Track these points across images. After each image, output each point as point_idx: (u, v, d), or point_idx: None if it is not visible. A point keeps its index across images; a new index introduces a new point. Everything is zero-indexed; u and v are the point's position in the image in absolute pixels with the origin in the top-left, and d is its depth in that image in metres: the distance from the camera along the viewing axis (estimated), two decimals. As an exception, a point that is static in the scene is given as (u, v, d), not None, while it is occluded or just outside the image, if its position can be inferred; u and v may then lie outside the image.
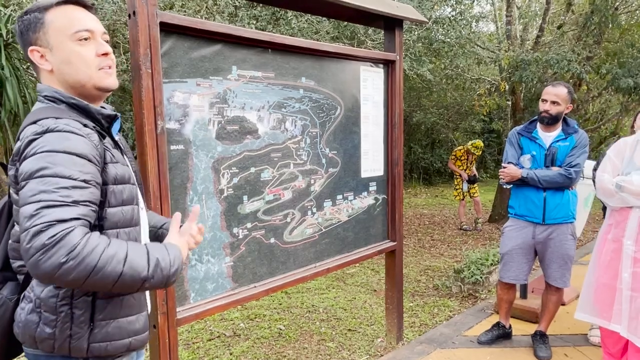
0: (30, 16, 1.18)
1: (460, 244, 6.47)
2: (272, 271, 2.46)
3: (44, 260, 0.95)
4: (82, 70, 1.19)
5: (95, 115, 1.20)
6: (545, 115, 2.94)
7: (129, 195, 1.22)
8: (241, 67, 2.22)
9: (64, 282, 0.98)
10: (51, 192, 0.99)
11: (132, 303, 1.23)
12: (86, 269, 0.97)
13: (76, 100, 1.18)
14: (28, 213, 0.97)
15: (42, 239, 0.95)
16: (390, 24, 3.08)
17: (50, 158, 1.02)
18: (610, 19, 6.36)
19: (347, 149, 2.87)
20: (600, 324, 2.51)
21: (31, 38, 1.18)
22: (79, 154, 1.06)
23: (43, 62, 1.18)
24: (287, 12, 5.47)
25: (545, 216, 2.95)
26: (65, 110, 1.15)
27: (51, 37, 1.17)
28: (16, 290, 1.19)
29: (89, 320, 1.15)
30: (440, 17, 6.18)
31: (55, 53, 1.18)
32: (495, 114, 12.26)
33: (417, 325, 3.71)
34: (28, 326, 1.14)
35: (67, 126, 1.08)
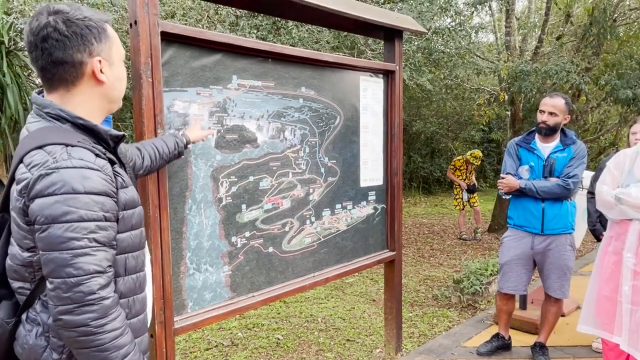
0: (97, 24, 1.16)
1: (460, 253, 6.45)
2: (270, 280, 2.45)
3: (77, 313, 1.03)
4: (124, 87, 1.26)
5: (103, 136, 1.18)
6: (543, 126, 2.95)
7: (137, 219, 1.23)
8: (241, 76, 2.24)
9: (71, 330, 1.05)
10: (81, 238, 1.03)
11: (138, 326, 1.25)
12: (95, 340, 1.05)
13: (84, 120, 1.15)
14: (62, 262, 1.02)
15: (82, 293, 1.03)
16: (390, 34, 3.10)
17: (73, 201, 1.03)
18: (609, 31, 6.41)
19: (346, 158, 2.87)
20: (603, 337, 2.50)
21: (95, 47, 1.15)
22: (100, 191, 1.07)
23: (101, 74, 1.18)
24: (288, 22, 5.51)
25: (544, 227, 2.95)
26: (70, 131, 1.13)
27: (114, 53, 1.21)
28: (13, 311, 1.17)
29: None
30: (439, 28, 6.22)
31: (114, 68, 1.21)
32: (495, 124, 12.30)
33: (416, 336, 3.69)
34: (34, 350, 1.14)
35: (81, 161, 1.06)
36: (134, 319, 1.23)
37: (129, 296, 1.21)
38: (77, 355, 1.09)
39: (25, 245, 1.11)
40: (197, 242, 2.10)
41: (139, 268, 1.25)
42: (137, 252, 1.23)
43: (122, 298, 1.18)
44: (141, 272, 1.26)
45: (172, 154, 1.81)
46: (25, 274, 1.14)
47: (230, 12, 5.52)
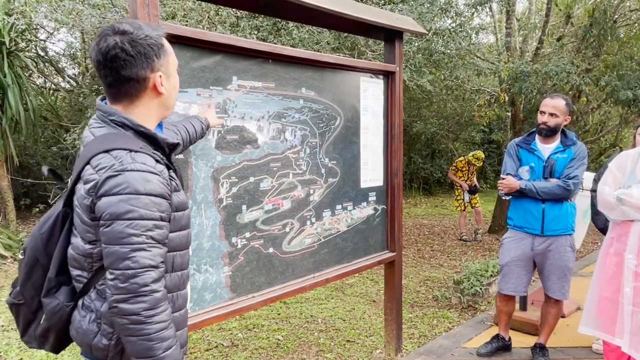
0: (156, 42, 1.27)
1: (460, 254, 6.45)
2: (270, 281, 2.45)
3: (131, 302, 1.13)
4: (176, 96, 1.38)
5: (160, 144, 1.29)
6: (544, 127, 2.95)
7: (186, 220, 1.34)
8: (242, 77, 2.24)
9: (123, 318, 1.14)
10: (139, 234, 1.14)
11: (180, 319, 1.34)
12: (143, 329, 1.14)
13: (145, 129, 1.27)
14: (122, 255, 1.13)
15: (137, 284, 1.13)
16: (391, 35, 3.10)
17: (135, 201, 1.14)
18: (609, 32, 6.40)
19: (346, 159, 2.87)
20: (604, 338, 2.49)
21: (156, 63, 1.27)
22: (158, 194, 1.18)
23: (161, 86, 1.29)
24: (289, 23, 5.51)
25: (544, 228, 2.95)
26: (133, 138, 1.24)
27: (170, 66, 1.32)
28: (71, 297, 1.28)
29: None
30: (440, 29, 6.22)
31: (170, 80, 1.33)
32: (495, 125, 12.29)
33: (416, 337, 3.68)
34: (87, 335, 1.25)
35: (144, 165, 1.18)
36: (176, 313, 1.32)
37: (173, 291, 1.31)
38: (125, 342, 1.18)
39: (88, 238, 1.22)
40: (198, 243, 2.10)
41: (184, 266, 1.36)
42: (183, 251, 1.34)
43: (168, 293, 1.26)
44: (185, 270, 1.37)
45: (199, 135, 1.92)
46: (84, 264, 1.24)
47: (230, 13, 5.53)
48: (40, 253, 1.28)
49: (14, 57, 6.52)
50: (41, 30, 7.97)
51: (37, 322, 1.33)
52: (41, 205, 8.31)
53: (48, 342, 1.34)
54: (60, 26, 6.73)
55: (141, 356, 1.16)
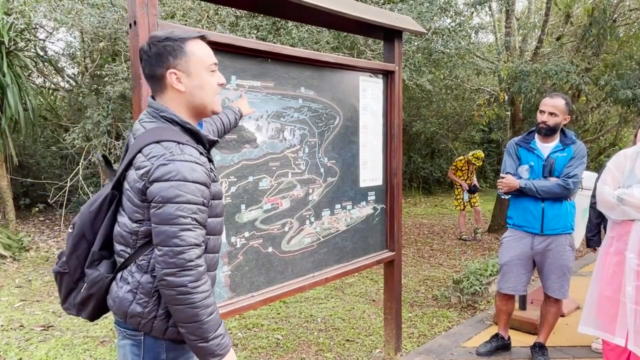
0: (173, 44, 1.39)
1: (460, 254, 6.45)
2: (269, 281, 2.45)
3: (178, 275, 1.27)
4: (210, 95, 1.45)
5: (202, 140, 1.44)
6: (543, 126, 2.95)
7: (220, 209, 1.47)
8: (240, 76, 2.24)
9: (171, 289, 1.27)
10: (186, 216, 1.28)
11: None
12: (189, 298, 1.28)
13: (191, 125, 1.41)
14: (171, 234, 1.27)
15: (184, 260, 1.27)
16: (390, 34, 3.10)
17: (183, 187, 1.28)
18: (609, 31, 6.40)
19: (345, 158, 2.87)
20: (604, 337, 2.49)
21: (170, 62, 1.39)
22: (202, 182, 1.32)
23: (178, 84, 1.40)
24: (288, 22, 5.51)
25: (544, 227, 2.95)
26: (179, 132, 1.38)
27: (191, 66, 1.40)
28: (111, 269, 1.42)
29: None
30: (439, 28, 6.22)
31: (193, 79, 1.41)
32: (495, 124, 12.29)
33: (415, 336, 3.69)
34: (122, 303, 1.37)
35: (191, 156, 1.32)
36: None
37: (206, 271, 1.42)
38: (173, 311, 1.31)
39: (135, 218, 1.35)
40: (197, 242, 2.09)
41: (216, 250, 1.49)
42: (216, 235, 1.47)
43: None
44: (216, 254, 1.50)
45: (233, 125, 2.05)
46: (129, 240, 1.38)
47: (230, 13, 5.52)
48: (87, 229, 1.42)
49: (13, 56, 6.51)
50: (40, 29, 7.95)
51: (77, 291, 1.46)
52: (41, 205, 8.30)
53: (86, 310, 1.46)
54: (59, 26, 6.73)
55: (188, 322, 1.30)
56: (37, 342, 3.57)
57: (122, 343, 1.44)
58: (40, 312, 4.22)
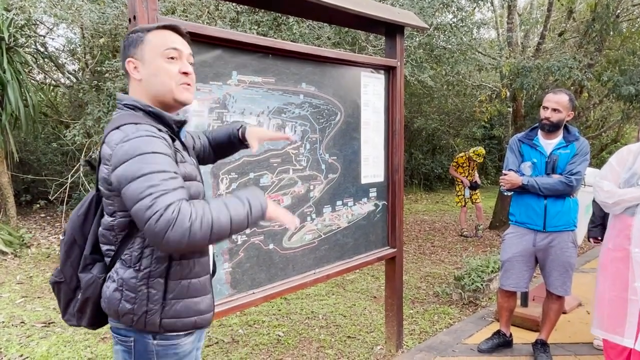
0: (135, 35, 1.39)
1: (461, 250, 6.44)
2: (271, 277, 2.44)
3: (174, 231, 1.17)
4: (165, 82, 1.38)
5: (167, 121, 1.39)
6: (546, 122, 2.93)
7: (195, 190, 1.39)
8: (241, 72, 2.22)
9: (194, 243, 1.19)
10: (157, 185, 1.19)
11: (198, 286, 1.41)
12: (208, 224, 1.20)
13: (152, 107, 1.37)
14: (145, 205, 1.18)
15: (165, 219, 1.16)
16: (392, 30, 3.08)
17: (143, 159, 1.22)
18: (612, 27, 6.36)
19: (347, 154, 2.86)
20: (614, 340, 2.43)
21: (131, 52, 1.39)
22: (163, 152, 1.26)
23: (135, 72, 1.38)
24: (289, 18, 5.48)
25: (546, 224, 2.93)
26: (141, 117, 1.34)
27: (146, 53, 1.37)
28: (104, 270, 1.38)
29: (161, 299, 1.34)
30: (441, 24, 6.19)
31: (147, 66, 1.38)
32: (496, 121, 12.25)
33: (417, 333, 3.68)
34: (112, 302, 1.34)
35: (146, 132, 1.27)
36: (194, 279, 1.39)
37: (189, 258, 1.38)
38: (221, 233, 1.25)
39: (109, 211, 1.32)
40: (197, 239, 2.08)
41: None
42: None
43: (183, 259, 1.37)
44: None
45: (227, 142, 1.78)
46: (110, 237, 1.34)
47: (230, 8, 5.49)
48: (77, 233, 1.40)
49: (14, 52, 6.49)
50: (40, 25, 7.93)
51: (76, 300, 1.42)
52: (42, 201, 8.30)
53: (85, 317, 1.42)
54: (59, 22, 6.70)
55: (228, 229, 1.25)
56: (38, 339, 3.57)
57: (116, 349, 1.41)
58: (42, 309, 4.22)
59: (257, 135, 1.74)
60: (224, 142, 1.79)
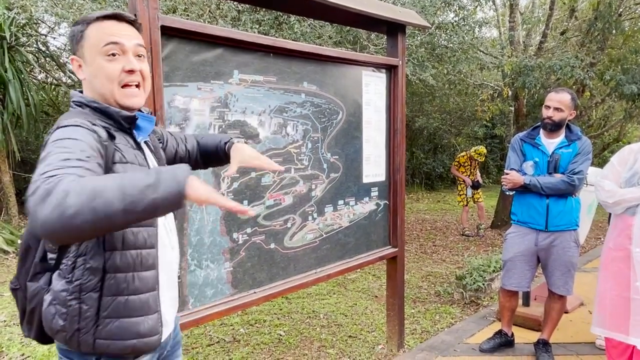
0: (76, 28, 1.24)
1: (462, 250, 6.43)
2: (272, 277, 2.43)
3: (45, 205, 0.89)
4: (105, 85, 1.23)
5: (115, 116, 1.23)
6: (548, 121, 2.91)
7: None
8: (243, 71, 2.21)
9: (69, 221, 0.89)
10: (49, 164, 0.99)
11: (137, 305, 1.23)
12: (87, 194, 0.90)
13: (97, 103, 1.23)
14: (34, 179, 0.96)
15: (39, 192, 0.91)
16: (393, 29, 3.07)
17: (56, 144, 1.06)
18: (614, 25, 6.34)
19: (348, 154, 2.85)
20: (617, 338, 2.43)
21: (74, 48, 1.25)
22: (80, 139, 1.09)
23: (79, 71, 1.25)
24: (290, 17, 5.47)
25: (548, 223, 2.92)
26: (88, 114, 1.22)
27: (86, 50, 1.23)
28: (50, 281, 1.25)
29: (94, 316, 1.19)
30: (443, 23, 6.18)
31: (88, 65, 1.23)
32: (498, 120, 12.24)
33: (418, 332, 3.67)
34: (47, 317, 1.22)
35: (75, 122, 1.14)
36: (133, 296, 1.22)
37: (126, 272, 1.21)
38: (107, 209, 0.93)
39: None
40: (198, 239, 2.08)
41: (139, 245, 1.23)
42: (137, 228, 1.23)
43: (119, 272, 1.20)
44: (144, 250, 1.24)
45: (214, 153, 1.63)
46: (50, 244, 1.22)
47: (232, 7, 5.49)
48: (32, 238, 1.27)
49: (15, 51, 6.50)
50: (42, 24, 7.93)
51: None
52: (43, 200, 8.29)
53: (33, 329, 1.29)
54: (61, 20, 6.70)
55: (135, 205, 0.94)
56: (40, 338, 3.57)
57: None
58: (43, 308, 4.23)
59: (240, 157, 1.54)
60: (211, 152, 1.64)
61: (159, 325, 1.29)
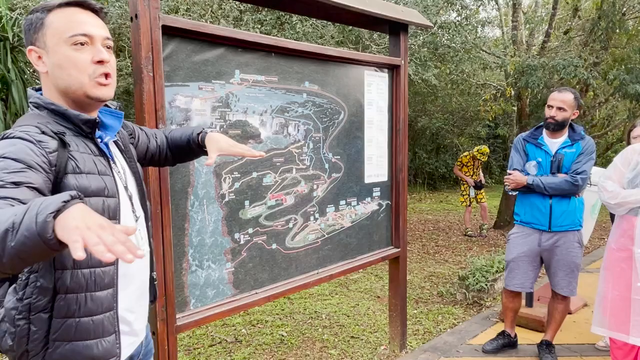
0: (34, 16, 1.15)
1: (465, 250, 6.41)
2: (273, 277, 2.43)
3: None
4: (73, 76, 1.14)
5: (74, 120, 1.15)
6: (551, 121, 2.90)
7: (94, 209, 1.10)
8: (244, 70, 2.21)
9: None
10: None
11: (89, 327, 1.15)
12: None
13: (55, 105, 1.14)
14: None
15: None
16: (396, 28, 3.06)
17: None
18: (618, 25, 6.31)
19: (350, 154, 2.84)
20: (618, 338, 2.43)
21: (32, 38, 1.15)
22: (16, 159, 1.00)
23: (39, 63, 1.15)
24: (292, 17, 5.46)
25: (552, 223, 2.91)
26: (43, 117, 1.13)
27: (48, 39, 1.13)
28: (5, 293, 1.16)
29: (43, 338, 1.11)
30: (445, 22, 6.16)
31: (51, 56, 1.14)
32: (501, 120, 12.21)
33: (420, 333, 3.66)
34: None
35: (19, 132, 1.05)
36: (85, 319, 1.14)
37: (78, 292, 1.12)
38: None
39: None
40: (200, 239, 2.08)
41: (94, 264, 1.13)
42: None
43: (69, 293, 1.11)
44: (98, 268, 1.14)
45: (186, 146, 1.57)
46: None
47: (234, 7, 5.49)
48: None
49: (18, 52, 6.51)
50: (45, 25, 7.95)
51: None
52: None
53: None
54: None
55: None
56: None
57: None
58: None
59: (218, 145, 1.47)
60: (182, 146, 1.57)
61: (116, 347, 1.20)
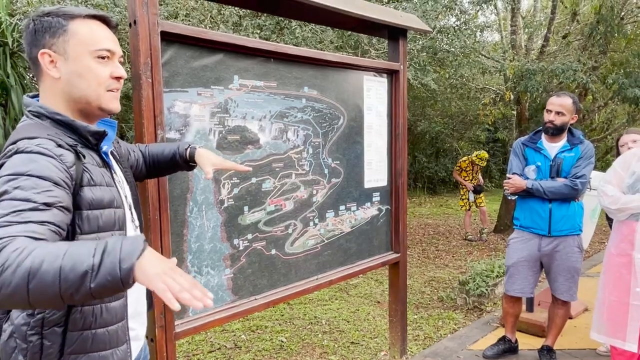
0: (53, 19, 1.13)
1: (465, 254, 6.40)
2: (273, 283, 2.42)
3: None
4: (92, 87, 1.15)
5: (81, 132, 1.15)
6: (550, 125, 2.90)
7: (106, 220, 1.14)
8: (243, 76, 2.20)
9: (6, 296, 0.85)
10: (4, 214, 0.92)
11: (105, 338, 1.16)
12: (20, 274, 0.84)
13: (61, 116, 1.13)
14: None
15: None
16: (395, 33, 3.06)
17: (13, 182, 0.97)
18: (616, 29, 6.34)
19: (350, 159, 2.83)
20: (615, 344, 2.43)
21: (46, 41, 1.13)
22: (43, 176, 0.99)
23: (51, 67, 1.13)
24: (291, 22, 5.47)
25: (551, 228, 2.90)
26: (48, 127, 1.11)
27: (71, 47, 1.13)
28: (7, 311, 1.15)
29: (58, 353, 1.09)
30: (444, 27, 6.17)
31: (70, 63, 1.14)
32: (500, 124, 12.22)
33: (421, 339, 3.64)
34: (6, 351, 1.10)
35: (37, 147, 1.03)
36: (101, 330, 1.14)
37: (94, 304, 1.13)
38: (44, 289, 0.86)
39: None
40: (199, 245, 2.07)
41: None
42: None
43: (86, 305, 1.12)
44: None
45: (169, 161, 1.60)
46: None
47: (233, 12, 5.50)
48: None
49: (17, 57, 6.51)
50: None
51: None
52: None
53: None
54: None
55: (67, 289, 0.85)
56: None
57: None
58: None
59: (211, 161, 1.55)
60: (164, 161, 1.58)
61: (128, 355, 1.22)
